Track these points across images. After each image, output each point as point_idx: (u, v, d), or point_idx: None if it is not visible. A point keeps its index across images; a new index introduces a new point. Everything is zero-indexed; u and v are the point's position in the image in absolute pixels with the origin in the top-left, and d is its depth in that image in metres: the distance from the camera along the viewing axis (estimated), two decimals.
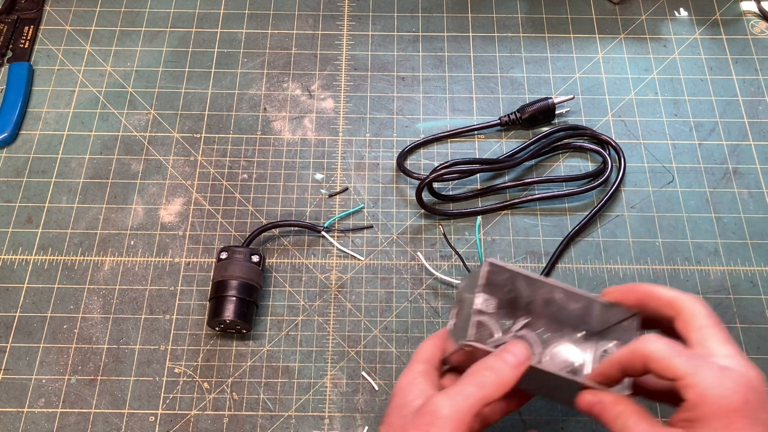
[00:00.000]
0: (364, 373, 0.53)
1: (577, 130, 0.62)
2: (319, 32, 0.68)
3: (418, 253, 0.57)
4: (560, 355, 0.44)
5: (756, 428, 0.32)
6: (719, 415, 0.31)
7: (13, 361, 0.53)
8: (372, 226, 0.58)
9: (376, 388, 0.52)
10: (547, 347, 0.44)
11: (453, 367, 0.43)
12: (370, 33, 0.68)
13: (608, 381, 0.38)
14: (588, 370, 0.43)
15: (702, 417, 0.32)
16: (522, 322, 0.45)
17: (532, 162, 0.61)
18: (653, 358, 0.34)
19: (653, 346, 0.34)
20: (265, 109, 0.64)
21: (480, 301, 0.43)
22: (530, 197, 0.59)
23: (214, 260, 0.56)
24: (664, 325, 0.39)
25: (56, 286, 0.56)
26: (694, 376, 0.32)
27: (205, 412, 0.51)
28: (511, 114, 0.62)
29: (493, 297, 0.45)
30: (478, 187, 0.60)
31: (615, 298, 0.40)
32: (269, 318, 0.55)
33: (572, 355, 0.44)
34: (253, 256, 0.53)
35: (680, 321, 0.36)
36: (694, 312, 0.36)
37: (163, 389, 0.52)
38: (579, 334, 0.45)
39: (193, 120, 0.63)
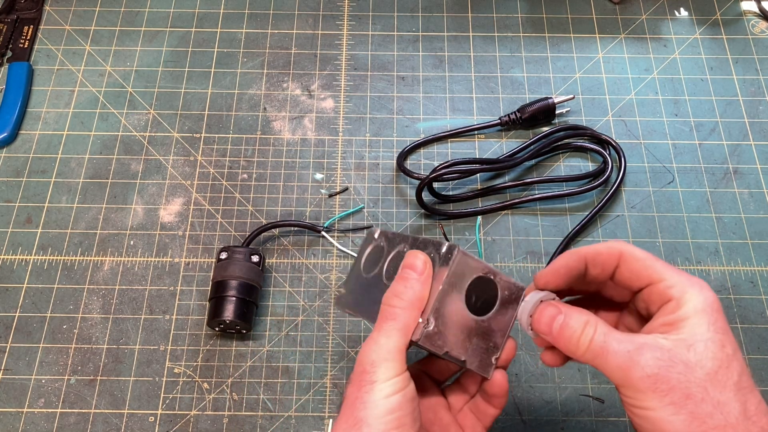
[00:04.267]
0: None
1: (578, 130, 0.61)
2: (319, 32, 0.68)
3: None
4: None
5: (727, 325, 0.32)
6: (703, 312, 0.31)
7: (13, 361, 0.53)
8: (372, 227, 0.58)
9: None
10: None
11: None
12: (370, 33, 0.68)
13: (570, 276, 0.36)
14: None
15: (686, 316, 0.32)
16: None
17: (532, 162, 0.61)
18: (633, 257, 0.34)
19: (630, 246, 0.35)
20: (265, 109, 0.64)
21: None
22: (530, 197, 0.59)
23: (213, 260, 0.56)
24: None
25: (56, 286, 0.56)
26: (673, 278, 0.33)
27: (205, 413, 0.51)
28: (511, 114, 0.62)
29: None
30: (478, 187, 0.60)
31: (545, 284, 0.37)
32: (269, 318, 0.55)
33: None
34: (252, 256, 0.53)
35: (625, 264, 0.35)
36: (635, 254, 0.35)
37: (162, 389, 0.52)
38: None
39: (193, 120, 0.63)
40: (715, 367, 0.31)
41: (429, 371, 0.42)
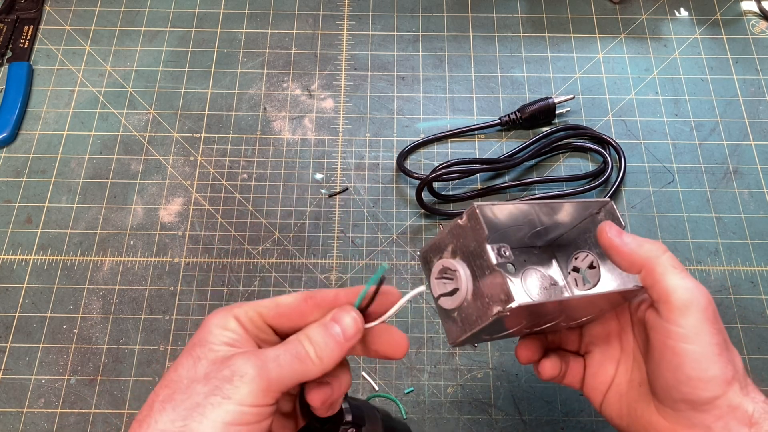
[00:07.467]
0: (364, 373, 0.53)
1: (578, 130, 0.61)
2: (319, 32, 0.68)
3: (419, 253, 0.57)
4: (533, 279, 0.40)
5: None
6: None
7: (13, 361, 0.53)
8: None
9: (376, 388, 0.52)
10: (518, 274, 0.39)
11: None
12: (370, 33, 0.68)
13: None
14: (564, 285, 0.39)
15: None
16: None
17: (533, 162, 0.61)
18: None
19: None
20: (265, 109, 0.64)
21: (494, 253, 0.34)
22: (530, 197, 0.59)
23: (213, 260, 0.56)
24: None
25: (56, 286, 0.56)
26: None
27: None
28: (512, 114, 0.62)
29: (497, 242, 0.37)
30: (478, 187, 0.60)
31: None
32: None
33: (544, 275, 0.40)
34: None
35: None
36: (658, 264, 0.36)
37: None
38: (539, 248, 0.40)
39: (193, 120, 0.63)
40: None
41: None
